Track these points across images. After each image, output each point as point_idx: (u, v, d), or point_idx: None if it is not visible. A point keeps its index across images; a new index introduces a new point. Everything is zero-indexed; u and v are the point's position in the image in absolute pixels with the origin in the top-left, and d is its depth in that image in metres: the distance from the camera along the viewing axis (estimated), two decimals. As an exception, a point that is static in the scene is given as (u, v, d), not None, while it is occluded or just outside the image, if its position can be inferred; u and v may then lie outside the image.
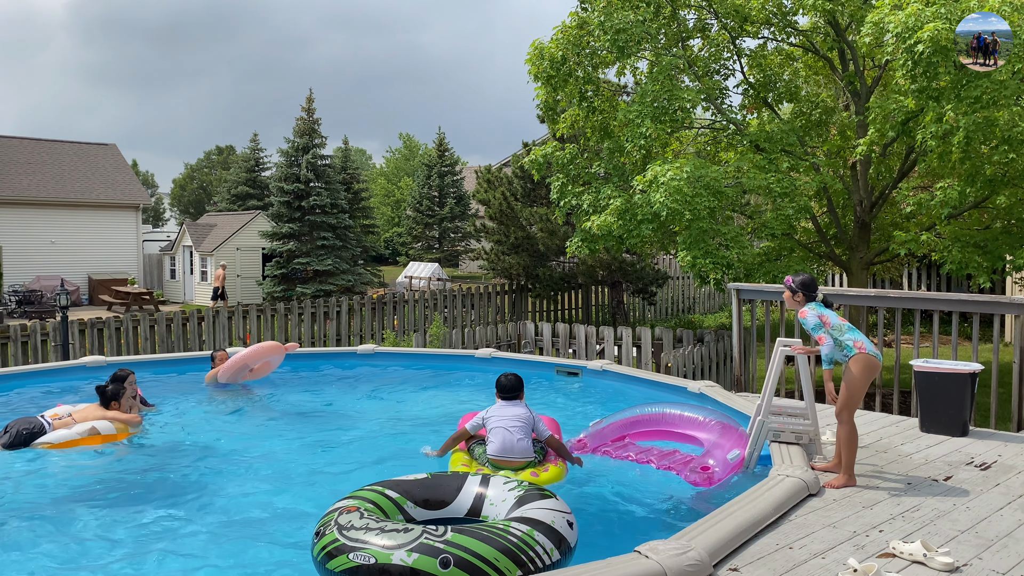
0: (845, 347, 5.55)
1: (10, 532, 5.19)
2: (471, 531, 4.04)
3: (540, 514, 4.29)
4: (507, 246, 18.48)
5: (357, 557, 3.91)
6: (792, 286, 5.83)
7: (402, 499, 4.65)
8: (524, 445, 6.00)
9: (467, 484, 4.86)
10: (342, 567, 3.93)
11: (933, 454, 6.35)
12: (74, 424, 7.17)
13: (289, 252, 27.92)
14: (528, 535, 4.07)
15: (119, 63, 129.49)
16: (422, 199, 42.43)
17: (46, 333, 12.31)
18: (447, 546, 3.89)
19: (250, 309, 14.28)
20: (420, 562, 3.83)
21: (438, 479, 4.91)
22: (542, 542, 4.08)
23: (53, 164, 32.33)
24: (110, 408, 7.46)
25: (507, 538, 4.01)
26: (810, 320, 5.62)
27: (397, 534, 3.99)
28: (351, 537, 4.01)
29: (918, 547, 4.28)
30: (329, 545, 4.04)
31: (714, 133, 12.83)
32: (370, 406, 8.92)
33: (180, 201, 63.52)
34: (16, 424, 7.01)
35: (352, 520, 4.15)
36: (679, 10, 11.88)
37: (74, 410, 7.50)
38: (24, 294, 26.46)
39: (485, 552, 3.91)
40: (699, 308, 23.06)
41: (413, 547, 3.89)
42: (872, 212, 11.63)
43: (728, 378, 12.34)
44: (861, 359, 5.50)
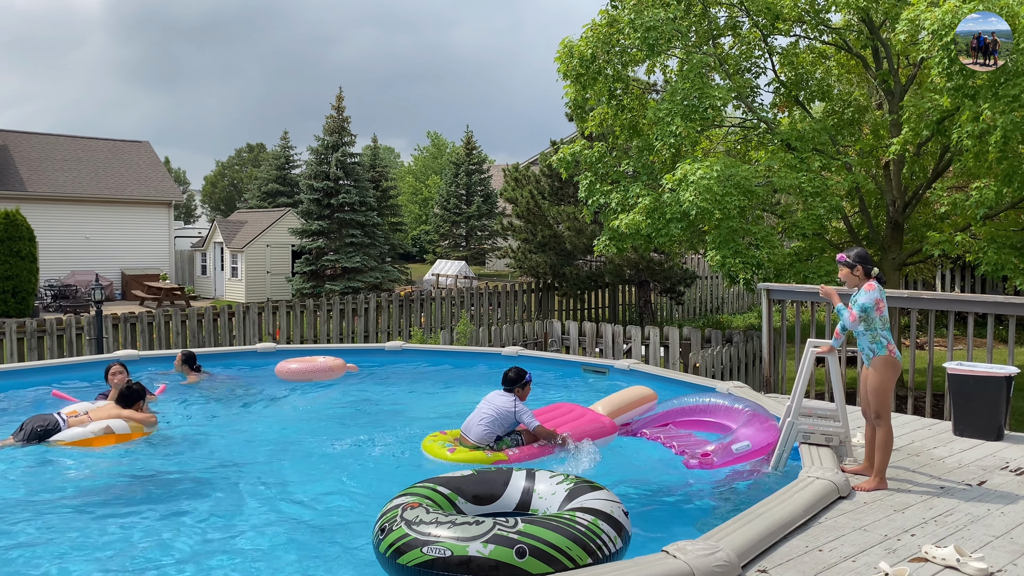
0: (878, 342, 5.47)
1: (11, 528, 5.23)
2: (541, 522, 4.11)
3: (600, 504, 4.37)
4: (534, 244, 18.47)
5: (431, 551, 3.95)
6: (848, 260, 5.60)
7: (453, 495, 4.72)
8: (481, 431, 6.52)
9: (513, 479, 4.94)
10: (415, 561, 3.97)
11: (967, 458, 6.25)
12: (89, 423, 7.18)
13: (318, 249, 28.15)
14: (594, 524, 4.15)
15: (153, 61, 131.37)
16: (449, 197, 42.55)
17: (81, 327, 12.53)
18: (521, 536, 3.96)
19: (280, 305, 14.41)
20: (496, 553, 3.89)
21: (484, 475, 4.98)
22: (606, 531, 4.16)
23: (88, 161, 32.88)
24: (135, 408, 7.49)
25: (575, 527, 4.09)
26: (869, 296, 5.40)
27: (469, 527, 4.05)
28: (422, 531, 4.06)
29: (951, 552, 4.22)
30: (398, 541, 4.07)
31: (744, 132, 12.72)
32: (395, 402, 8.96)
33: (211, 198, 64.28)
34: (32, 421, 7.09)
35: (419, 515, 4.20)
36: (710, 8, 11.79)
37: (91, 408, 7.53)
38: (60, 289, 26.93)
39: (558, 541, 3.98)
40: (728, 308, 22.89)
41: (488, 538, 3.95)
42: (905, 212, 11.46)
43: (757, 379, 12.23)
44: (891, 361, 5.46)
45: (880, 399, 5.49)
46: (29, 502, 5.73)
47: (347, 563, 4.74)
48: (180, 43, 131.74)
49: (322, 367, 9.74)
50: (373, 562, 4.39)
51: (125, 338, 12.87)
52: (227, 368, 10.56)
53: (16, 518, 5.41)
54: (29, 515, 5.45)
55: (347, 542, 5.04)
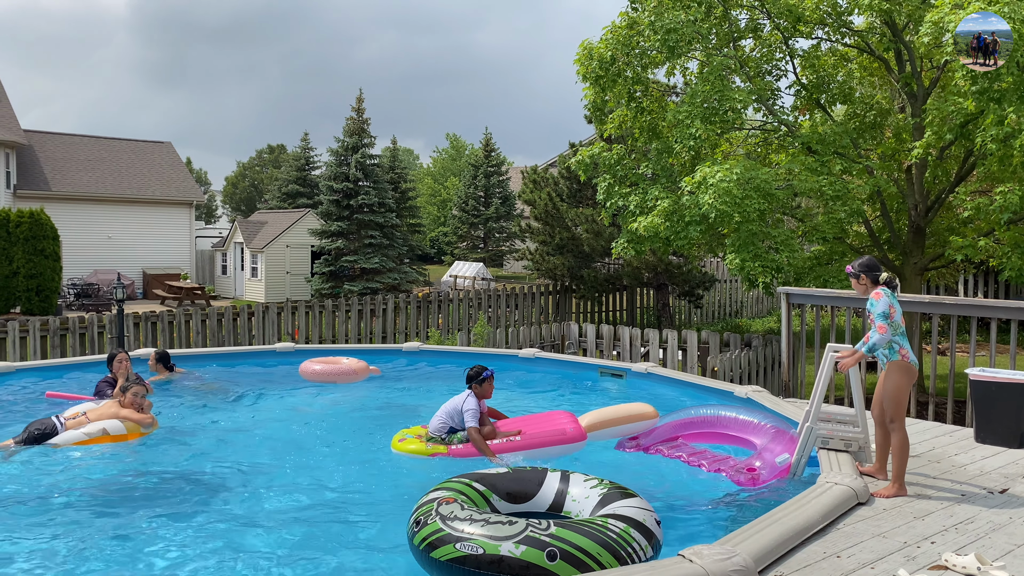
0: (891, 347, 5.51)
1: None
2: (573, 526, 4.13)
3: (632, 512, 4.37)
4: (552, 247, 18.45)
5: (464, 547, 3.99)
6: (853, 271, 5.76)
7: (488, 492, 4.75)
8: (436, 424, 6.97)
9: (548, 479, 4.97)
10: (448, 556, 4.02)
11: (988, 465, 6.17)
12: (86, 424, 7.23)
13: (337, 250, 28.31)
14: (625, 532, 4.16)
15: (176, 61, 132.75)
16: (468, 199, 42.63)
17: (103, 325, 12.67)
18: (553, 540, 3.98)
19: (299, 305, 14.50)
20: (528, 554, 3.92)
21: (520, 473, 5.01)
22: (638, 539, 4.17)
23: (111, 161, 33.24)
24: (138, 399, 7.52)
25: (607, 534, 4.10)
26: (881, 304, 5.50)
27: (502, 526, 4.07)
28: (455, 527, 4.10)
29: (972, 560, 4.17)
30: (432, 535, 4.12)
31: (765, 134, 12.64)
32: (410, 402, 8.98)
33: (232, 198, 64.78)
34: (32, 424, 7.20)
35: (454, 511, 4.24)
36: (731, 10, 11.74)
37: (92, 408, 7.57)
38: (82, 287, 27.25)
39: (589, 547, 3.99)
40: (747, 312, 22.75)
41: (520, 539, 3.97)
42: (927, 217, 11.35)
43: (776, 384, 12.15)
44: (904, 366, 5.49)
45: (894, 405, 5.50)
46: (18, 504, 5.72)
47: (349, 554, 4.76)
48: (203, 44, 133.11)
49: (346, 369, 9.75)
50: (371, 552, 4.38)
51: (146, 337, 13.00)
52: (237, 366, 10.64)
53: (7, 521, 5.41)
54: (14, 518, 5.45)
55: (346, 536, 5.09)
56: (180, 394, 9.21)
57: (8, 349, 11.96)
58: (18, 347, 12.01)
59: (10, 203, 28.04)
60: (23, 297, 21.70)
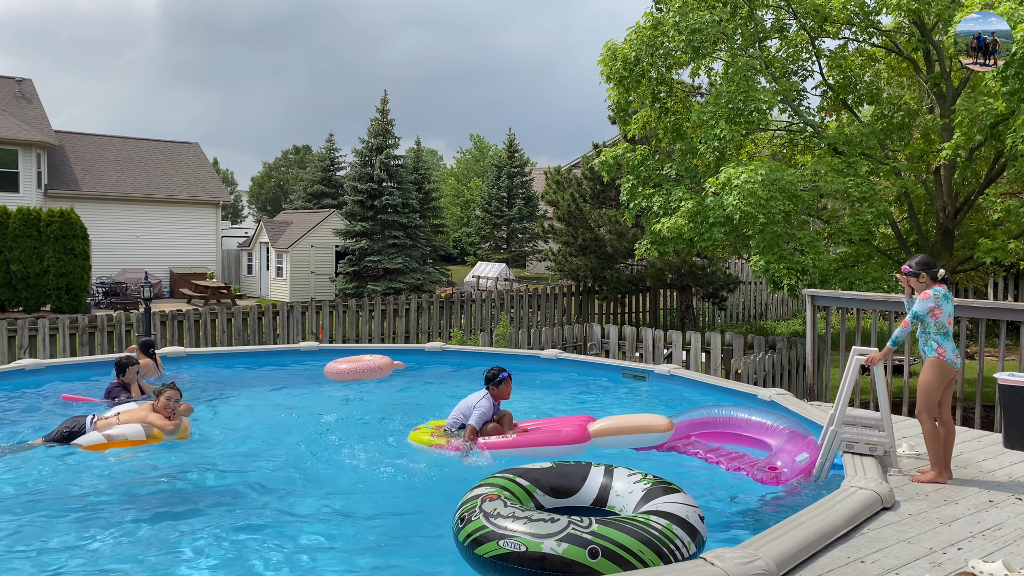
0: (929, 345, 5.60)
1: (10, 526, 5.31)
2: (615, 523, 4.13)
3: (675, 508, 4.37)
4: (575, 247, 18.43)
5: (507, 544, 4.03)
6: (913, 270, 5.76)
7: (532, 487, 4.77)
8: (450, 419, 7.20)
9: (591, 474, 4.97)
10: (491, 553, 4.06)
11: (1018, 471, 6.08)
12: (115, 426, 7.24)
13: (361, 250, 28.47)
14: (668, 529, 4.16)
15: (204, 62, 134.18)
16: (491, 200, 42.67)
17: (130, 324, 12.84)
18: (595, 537, 3.99)
19: (323, 305, 14.61)
20: (570, 552, 3.94)
21: (563, 468, 5.02)
22: (680, 536, 4.16)
23: (140, 161, 33.68)
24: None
25: (649, 531, 4.10)
26: (923, 307, 5.59)
27: (545, 524, 4.09)
28: (499, 524, 4.14)
29: (999, 567, 4.10)
30: (476, 532, 4.16)
31: (790, 135, 12.54)
32: (426, 401, 9.02)
33: (258, 199, 65.37)
34: (66, 422, 7.26)
35: (497, 508, 4.27)
36: (756, 10, 11.65)
37: (125, 411, 7.54)
38: (110, 286, 27.65)
39: (631, 544, 4.00)
40: (771, 314, 22.57)
41: (562, 537, 3.99)
42: (956, 219, 11.19)
43: (800, 387, 12.04)
44: (937, 363, 5.60)
45: (922, 397, 5.65)
46: (31, 502, 5.76)
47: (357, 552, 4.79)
48: (231, 45, 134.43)
49: (370, 366, 9.74)
50: (388, 552, 4.41)
51: (173, 335, 13.16)
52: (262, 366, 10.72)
53: (21, 518, 5.45)
54: (30, 516, 5.49)
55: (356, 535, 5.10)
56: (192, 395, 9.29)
57: (38, 347, 12.16)
58: (48, 345, 12.21)
59: (41, 203, 28.49)
60: (53, 295, 22.06)
